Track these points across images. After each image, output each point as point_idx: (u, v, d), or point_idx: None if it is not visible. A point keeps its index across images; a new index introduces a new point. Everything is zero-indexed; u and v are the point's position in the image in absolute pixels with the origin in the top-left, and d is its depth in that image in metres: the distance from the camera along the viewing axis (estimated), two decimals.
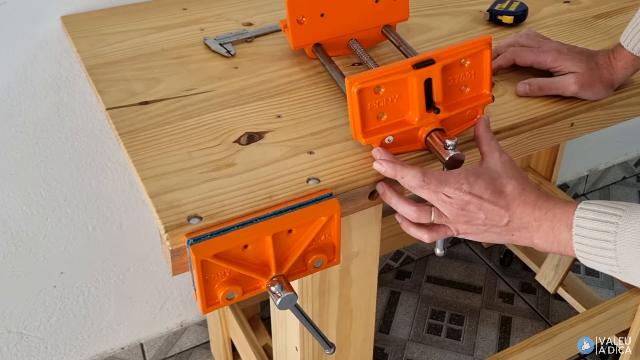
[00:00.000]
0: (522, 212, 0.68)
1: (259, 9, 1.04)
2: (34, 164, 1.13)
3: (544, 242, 0.68)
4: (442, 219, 0.71)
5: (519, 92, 0.85)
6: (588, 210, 0.65)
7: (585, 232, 0.65)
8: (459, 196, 0.68)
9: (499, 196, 0.68)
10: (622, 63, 0.84)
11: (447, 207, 0.69)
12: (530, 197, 0.69)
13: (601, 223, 0.64)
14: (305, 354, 0.89)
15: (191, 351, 1.53)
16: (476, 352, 1.56)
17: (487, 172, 0.70)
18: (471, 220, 0.69)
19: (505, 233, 0.70)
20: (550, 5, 1.07)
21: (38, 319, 1.29)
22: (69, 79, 1.08)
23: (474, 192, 0.68)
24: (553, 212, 0.67)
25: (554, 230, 0.67)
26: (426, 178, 0.68)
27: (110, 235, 1.27)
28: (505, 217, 0.69)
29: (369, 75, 0.69)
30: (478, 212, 0.68)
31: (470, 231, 0.71)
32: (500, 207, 0.68)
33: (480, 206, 0.68)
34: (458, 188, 0.68)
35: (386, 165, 0.70)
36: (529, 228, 0.68)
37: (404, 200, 0.71)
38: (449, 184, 0.68)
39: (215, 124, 0.78)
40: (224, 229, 0.65)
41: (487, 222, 0.69)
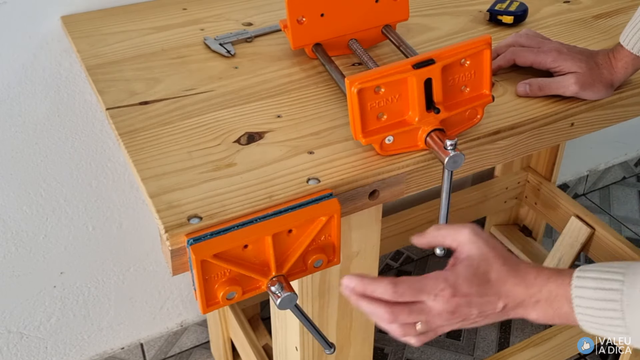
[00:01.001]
0: (515, 294, 0.64)
1: (259, 9, 1.04)
2: (34, 164, 1.13)
3: (544, 317, 0.65)
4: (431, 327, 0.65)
5: (519, 92, 0.85)
6: (587, 278, 0.62)
7: (588, 303, 0.61)
8: (444, 302, 0.63)
9: (486, 286, 0.64)
10: (622, 63, 0.84)
11: (436, 317, 0.64)
12: (519, 275, 0.65)
13: (604, 292, 0.60)
14: (305, 354, 0.89)
15: (191, 351, 1.53)
16: (476, 352, 1.55)
17: (465, 266, 0.65)
18: (466, 318, 0.65)
19: (504, 316, 0.66)
20: (550, 5, 1.07)
21: (38, 319, 1.29)
22: (69, 79, 1.08)
23: (459, 294, 0.63)
24: (548, 287, 0.64)
25: (552, 306, 0.64)
26: (398, 289, 0.63)
27: (110, 235, 1.27)
28: (499, 304, 0.65)
29: (369, 75, 0.69)
30: (470, 310, 0.64)
31: (467, 325, 0.66)
32: (491, 296, 0.64)
33: (470, 303, 0.64)
34: (439, 295, 0.63)
35: (355, 282, 0.65)
36: (526, 306, 0.65)
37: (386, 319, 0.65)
38: (426, 291, 0.63)
39: (215, 124, 0.78)
40: (224, 229, 0.65)
41: (482, 314, 0.65)
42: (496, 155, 0.82)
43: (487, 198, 1.64)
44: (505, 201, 1.69)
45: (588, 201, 1.99)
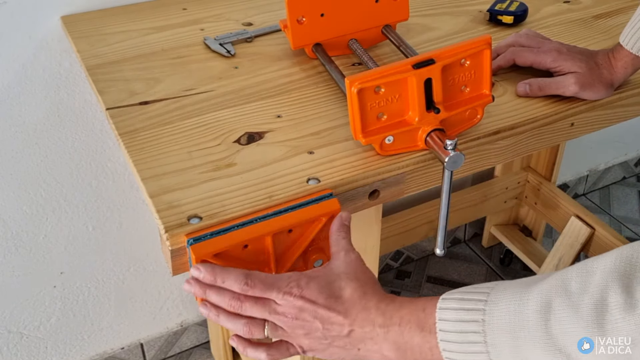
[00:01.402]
0: (363, 320, 0.59)
1: (259, 9, 1.04)
2: (34, 164, 1.13)
3: (396, 352, 0.59)
4: (277, 332, 0.62)
5: (519, 93, 0.85)
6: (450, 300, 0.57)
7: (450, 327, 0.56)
8: (290, 302, 0.60)
9: (336, 301, 0.60)
10: (621, 63, 0.84)
11: (281, 318, 0.61)
12: (372, 300, 0.60)
13: (466, 312, 0.55)
14: None
15: (191, 351, 1.53)
16: None
17: (324, 275, 0.62)
18: (310, 332, 0.61)
19: (351, 347, 0.61)
20: (550, 5, 1.07)
21: (38, 319, 1.29)
22: (69, 79, 1.08)
23: (306, 296, 0.60)
24: (399, 314, 0.59)
25: (404, 335, 0.58)
26: (249, 281, 0.61)
27: (110, 235, 1.27)
28: (345, 327, 0.60)
29: (369, 75, 0.69)
30: (314, 321, 0.60)
31: (315, 347, 0.62)
32: (338, 313, 0.60)
33: (315, 313, 0.60)
34: (287, 292, 0.60)
35: (204, 270, 0.62)
36: (374, 338, 0.59)
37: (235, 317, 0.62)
38: (276, 287, 0.61)
39: (215, 124, 0.78)
40: (224, 229, 0.65)
41: (327, 334, 0.60)
42: (496, 155, 0.82)
43: (487, 198, 1.64)
44: (505, 201, 1.69)
45: (588, 201, 2.00)
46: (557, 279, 0.54)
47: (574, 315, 0.51)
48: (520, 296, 0.54)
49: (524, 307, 0.54)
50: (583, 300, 0.51)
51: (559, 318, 0.52)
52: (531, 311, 0.53)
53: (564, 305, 0.52)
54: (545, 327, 0.52)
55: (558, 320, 0.52)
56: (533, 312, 0.53)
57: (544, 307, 0.53)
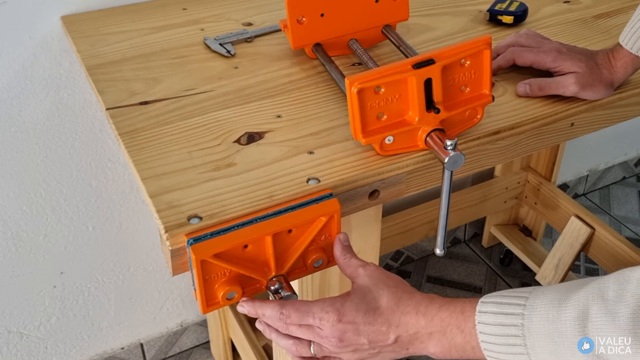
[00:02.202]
0: (406, 324, 0.62)
1: (259, 9, 1.04)
2: (34, 164, 1.13)
3: (442, 350, 0.62)
4: (324, 352, 0.64)
5: (519, 93, 0.85)
6: (490, 303, 0.59)
7: (490, 330, 0.58)
8: (329, 328, 0.62)
9: (375, 314, 0.62)
10: (621, 62, 0.84)
11: (325, 341, 0.63)
12: (410, 304, 0.62)
13: (506, 317, 0.58)
14: None
15: (191, 351, 1.53)
16: None
17: (356, 293, 0.64)
18: (357, 348, 0.63)
19: (400, 349, 0.63)
20: (550, 5, 1.07)
21: (38, 319, 1.29)
22: (69, 79, 1.08)
23: (345, 320, 0.62)
24: (439, 316, 0.61)
25: (446, 336, 0.61)
26: (285, 310, 0.63)
27: (110, 235, 1.27)
28: (390, 335, 0.62)
29: (369, 75, 0.69)
30: (359, 338, 0.62)
31: (364, 357, 0.64)
32: (380, 324, 0.62)
33: (358, 331, 0.62)
34: (324, 318, 0.62)
35: (247, 306, 0.66)
36: (420, 338, 0.62)
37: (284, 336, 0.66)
38: (311, 314, 0.63)
39: (215, 124, 0.78)
40: (224, 229, 0.65)
41: (375, 346, 0.62)
42: (496, 155, 0.82)
43: (487, 198, 1.64)
44: (505, 201, 1.69)
45: (588, 201, 1.99)
46: (594, 286, 0.56)
47: (610, 323, 0.53)
48: (558, 302, 0.56)
49: (561, 313, 0.55)
50: (619, 308, 0.53)
51: (597, 326, 0.54)
52: (569, 318, 0.55)
53: (601, 313, 0.54)
54: (583, 334, 0.54)
55: (595, 328, 0.54)
56: (571, 318, 0.55)
57: (581, 314, 0.55)
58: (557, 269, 1.52)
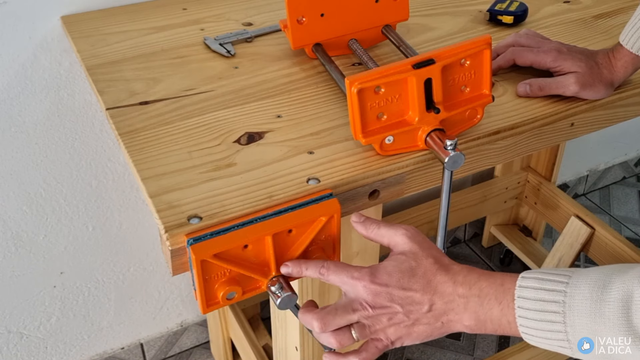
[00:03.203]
0: (442, 292, 0.61)
1: (259, 9, 1.04)
2: (34, 164, 1.13)
3: (476, 322, 0.61)
4: (365, 331, 0.64)
5: (519, 93, 0.85)
6: (531, 279, 0.59)
7: (529, 304, 0.58)
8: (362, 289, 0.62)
9: (410, 280, 0.62)
10: (621, 62, 0.84)
11: (360, 311, 0.62)
12: (448, 274, 0.62)
13: (547, 292, 0.57)
14: (305, 354, 0.89)
15: (191, 351, 1.53)
16: (476, 352, 1.56)
17: (392, 259, 0.63)
18: (391, 317, 0.62)
19: (434, 321, 0.62)
20: (550, 5, 1.07)
21: (38, 319, 1.29)
22: (69, 79, 1.08)
23: (377, 281, 0.62)
24: (478, 285, 0.61)
25: (483, 307, 0.60)
26: (325, 264, 0.64)
27: (110, 235, 1.27)
28: (424, 304, 0.61)
29: (369, 75, 0.69)
30: (392, 305, 0.61)
31: (401, 333, 0.63)
32: (415, 291, 0.61)
33: (391, 296, 0.61)
34: (357, 278, 0.62)
35: (291, 265, 0.67)
36: (455, 309, 0.61)
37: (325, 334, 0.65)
38: (347, 271, 0.63)
39: (215, 124, 0.78)
40: (224, 229, 0.65)
41: (410, 315, 0.62)
42: (496, 155, 0.82)
43: (487, 198, 1.64)
44: (505, 201, 1.69)
45: (588, 201, 1.99)
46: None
47: None
48: (603, 284, 0.56)
49: (605, 294, 0.55)
50: None
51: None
52: (613, 299, 0.55)
53: None
54: (626, 316, 0.54)
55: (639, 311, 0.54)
56: (615, 300, 0.55)
57: (625, 296, 0.55)
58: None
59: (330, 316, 0.63)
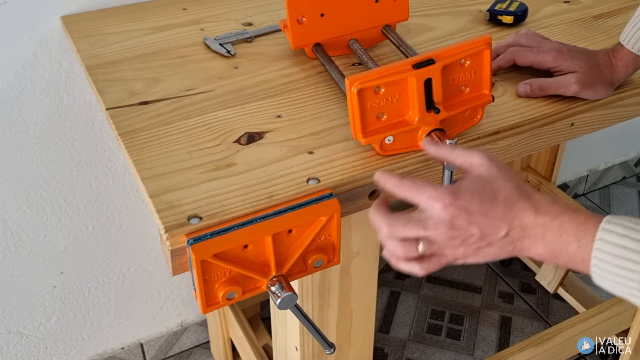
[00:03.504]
0: (522, 220, 0.60)
1: (259, 9, 1.04)
2: (34, 164, 1.13)
3: (550, 253, 0.60)
4: (433, 248, 0.63)
5: (519, 93, 0.85)
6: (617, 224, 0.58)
7: (610, 248, 0.57)
8: (440, 211, 0.60)
9: (491, 205, 0.60)
10: (622, 62, 0.84)
11: (434, 230, 0.61)
12: (530, 202, 0.61)
13: (631, 241, 0.56)
14: (305, 354, 0.89)
15: (191, 351, 1.53)
16: (476, 352, 1.56)
17: (472, 181, 0.62)
18: (465, 239, 0.61)
19: (507, 245, 0.61)
20: (550, 5, 1.07)
21: (38, 319, 1.29)
22: (69, 79, 1.08)
23: (458, 204, 0.60)
24: (560, 219, 0.60)
25: (561, 240, 0.59)
26: (401, 181, 0.63)
27: (110, 235, 1.27)
28: (502, 229, 0.60)
29: (369, 75, 0.69)
30: (469, 228, 0.60)
31: (469, 253, 0.62)
32: (495, 217, 0.60)
33: (470, 219, 0.60)
34: (436, 198, 0.60)
35: (378, 176, 0.67)
36: (532, 237, 0.60)
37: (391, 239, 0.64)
38: (424, 190, 0.62)
39: (215, 124, 0.78)
40: (224, 229, 0.65)
41: (485, 239, 0.61)
42: (496, 155, 0.82)
43: None
44: None
45: (588, 201, 1.99)
46: None
47: None
48: None
49: None
50: None
51: None
52: None
53: None
54: None
55: None
56: None
57: None
58: (557, 269, 1.52)
59: (400, 226, 0.63)
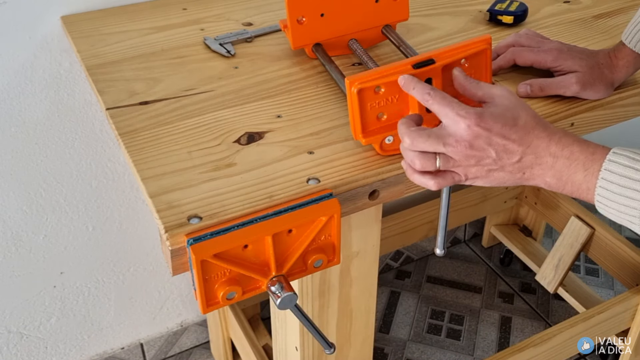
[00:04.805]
0: (536, 147, 0.64)
1: (259, 9, 1.04)
2: (34, 164, 1.13)
3: (557, 181, 0.64)
4: (449, 164, 0.66)
5: (520, 93, 0.84)
6: (622, 155, 0.61)
7: (614, 178, 0.61)
8: (465, 130, 0.63)
9: (511, 129, 0.64)
10: (623, 62, 0.84)
11: (454, 146, 0.64)
12: (546, 131, 0.64)
13: (635, 171, 0.60)
14: (305, 354, 0.89)
15: (191, 351, 1.53)
16: (476, 352, 1.56)
17: (496, 106, 0.65)
18: (480, 160, 0.64)
19: (517, 171, 0.65)
20: (550, 5, 1.07)
21: (38, 319, 1.29)
22: (69, 79, 1.08)
23: (483, 125, 0.63)
24: (571, 148, 0.63)
25: (569, 169, 0.63)
26: (432, 91, 0.66)
27: (110, 235, 1.27)
28: (517, 154, 0.64)
29: (369, 75, 0.69)
30: (488, 149, 0.64)
31: (480, 174, 0.66)
32: (513, 141, 0.64)
33: (490, 141, 0.63)
34: (464, 116, 0.63)
35: (405, 78, 0.69)
36: (542, 165, 0.64)
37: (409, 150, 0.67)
38: (452, 105, 0.64)
39: (215, 124, 0.78)
40: (224, 229, 0.65)
41: (498, 161, 0.64)
42: None
43: (487, 198, 1.64)
44: (505, 201, 1.69)
45: None
46: None
47: None
48: None
49: None
50: None
51: None
52: None
53: None
54: None
55: None
56: None
57: None
58: (557, 269, 1.52)
59: (422, 139, 0.65)
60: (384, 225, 1.48)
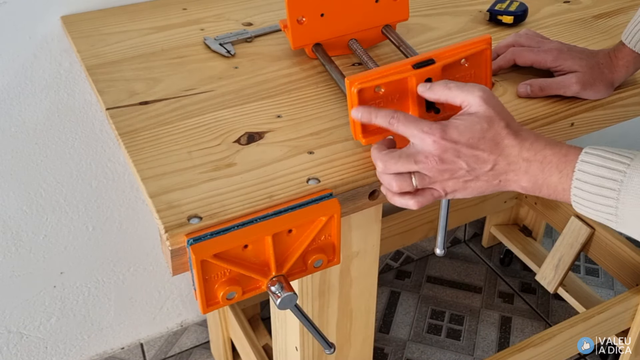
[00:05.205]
0: (508, 155, 0.65)
1: (259, 9, 1.04)
2: (34, 164, 1.13)
3: (533, 185, 0.65)
4: (425, 181, 0.67)
5: (520, 94, 0.84)
6: (594, 155, 0.62)
7: (588, 178, 0.62)
8: (432, 144, 0.64)
9: (479, 140, 0.64)
10: (623, 61, 0.84)
11: (425, 163, 0.65)
12: (517, 138, 0.65)
13: (608, 170, 0.61)
14: (305, 354, 0.89)
15: (191, 351, 1.53)
16: (476, 352, 1.56)
17: (464, 119, 0.65)
18: (454, 172, 0.65)
19: (493, 179, 0.66)
20: (550, 5, 1.07)
21: (38, 319, 1.29)
22: (69, 79, 1.08)
23: (446, 138, 0.64)
24: (543, 152, 0.64)
25: (543, 173, 0.64)
26: (396, 114, 0.67)
27: (110, 235, 1.27)
28: (489, 162, 0.65)
29: (369, 75, 0.69)
30: (457, 161, 0.64)
31: (457, 187, 0.67)
32: (482, 150, 0.64)
33: (458, 153, 0.64)
34: (428, 132, 0.64)
35: (362, 110, 0.69)
36: (516, 170, 0.65)
37: (385, 174, 0.68)
38: (417, 124, 0.65)
39: (215, 124, 0.78)
40: (224, 229, 0.65)
41: (472, 172, 0.65)
42: None
43: (487, 198, 1.64)
44: (505, 201, 1.69)
45: None
46: None
47: None
48: None
49: None
50: None
51: None
52: None
53: None
54: None
55: None
56: None
57: None
58: (557, 269, 1.52)
59: (393, 161, 0.66)
60: (384, 225, 1.48)
